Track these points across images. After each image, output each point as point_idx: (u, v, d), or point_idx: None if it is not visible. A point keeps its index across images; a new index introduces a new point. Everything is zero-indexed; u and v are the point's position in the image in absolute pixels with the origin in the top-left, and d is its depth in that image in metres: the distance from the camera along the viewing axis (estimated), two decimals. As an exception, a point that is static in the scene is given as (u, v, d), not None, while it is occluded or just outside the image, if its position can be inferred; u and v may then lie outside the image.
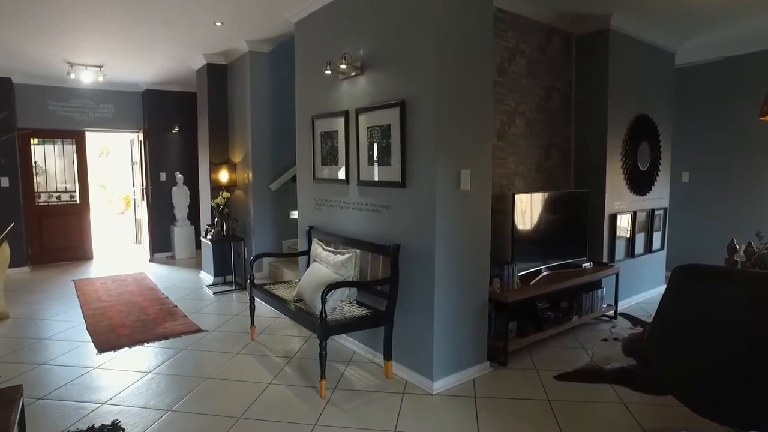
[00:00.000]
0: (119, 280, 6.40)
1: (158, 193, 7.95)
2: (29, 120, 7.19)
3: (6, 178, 6.87)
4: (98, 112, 7.71)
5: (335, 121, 4.01)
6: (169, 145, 8.06)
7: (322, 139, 4.23)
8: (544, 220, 4.23)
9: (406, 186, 3.31)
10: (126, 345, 4.03)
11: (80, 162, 7.79)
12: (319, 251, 3.91)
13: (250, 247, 5.96)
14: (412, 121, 3.22)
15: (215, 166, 6.13)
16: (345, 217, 3.99)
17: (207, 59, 6.05)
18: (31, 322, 4.79)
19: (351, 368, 3.60)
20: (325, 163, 4.22)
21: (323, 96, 4.15)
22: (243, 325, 4.47)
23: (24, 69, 6.64)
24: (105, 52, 5.84)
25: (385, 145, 3.46)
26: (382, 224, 3.56)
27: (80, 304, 5.31)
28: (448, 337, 3.24)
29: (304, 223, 4.58)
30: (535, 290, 3.82)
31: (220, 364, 3.67)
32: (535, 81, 4.39)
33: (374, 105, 3.52)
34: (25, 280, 6.65)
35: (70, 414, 2.95)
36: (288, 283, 4.33)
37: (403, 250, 3.34)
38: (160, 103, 7.86)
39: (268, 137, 5.84)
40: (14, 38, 5.17)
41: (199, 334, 4.35)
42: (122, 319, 4.72)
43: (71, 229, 7.75)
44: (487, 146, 3.39)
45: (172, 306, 5.17)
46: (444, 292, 3.19)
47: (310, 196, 4.50)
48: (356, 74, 3.70)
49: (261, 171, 5.83)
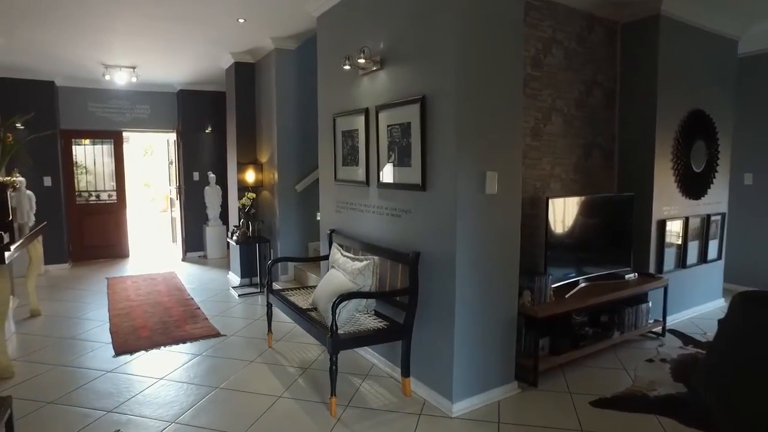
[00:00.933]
0: (150, 279, 6.45)
1: (191, 193, 8.00)
2: (71, 121, 7.39)
3: (49, 177, 7.07)
4: (135, 113, 7.84)
5: (355, 119, 3.80)
6: (202, 144, 8.10)
7: (343, 138, 4.03)
8: (583, 227, 3.86)
9: (427, 189, 3.05)
10: (143, 348, 3.97)
11: (117, 162, 7.95)
12: (338, 257, 3.70)
13: (275, 248, 5.85)
14: (433, 119, 2.96)
15: (242, 166, 6.05)
16: (365, 221, 3.77)
17: (234, 58, 5.98)
18: (61, 320, 4.84)
19: (367, 383, 3.38)
20: (346, 163, 4.02)
21: (344, 93, 3.95)
22: (262, 331, 4.33)
23: (65, 72, 6.81)
24: (136, 53, 5.88)
25: (405, 144, 3.22)
26: (402, 230, 3.32)
27: (109, 303, 5.34)
28: (470, 354, 2.96)
29: (326, 226, 4.40)
30: (571, 304, 3.47)
31: (233, 373, 3.54)
32: (574, 74, 4.02)
33: (394, 101, 3.28)
34: (64, 276, 6.82)
35: (74, 421, 2.88)
36: (311, 288, 4.15)
37: (423, 258, 3.08)
38: (193, 103, 7.91)
39: (294, 137, 5.70)
40: (53, 40, 5.27)
41: (217, 338, 4.24)
42: (145, 320, 4.69)
43: (109, 227, 7.91)
44: (517, 146, 3.08)
45: (195, 308, 5.11)
46: (466, 304, 2.91)
47: (331, 198, 4.31)
48: (376, 69, 3.47)
49: (287, 171, 5.71)
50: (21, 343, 4.25)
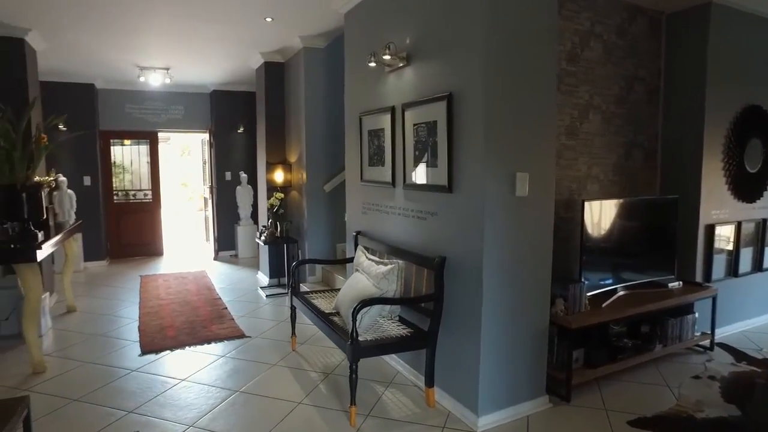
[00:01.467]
0: (181, 277, 6.53)
1: (223, 192, 8.09)
2: (109, 122, 7.60)
3: (88, 177, 7.28)
4: (169, 113, 7.98)
5: (381, 118, 3.68)
6: (235, 144, 8.17)
7: (369, 137, 3.92)
8: (622, 232, 3.62)
9: (453, 191, 2.91)
10: (169, 348, 3.98)
11: (153, 161, 8.11)
12: (362, 260, 3.60)
13: (303, 249, 5.81)
14: (460, 117, 2.81)
15: (271, 166, 6.04)
16: (390, 223, 3.65)
17: (264, 58, 5.98)
18: (94, 316, 4.94)
19: (391, 391, 3.26)
20: (372, 163, 3.91)
21: (370, 91, 3.85)
22: (288, 333, 4.27)
23: (104, 75, 6.99)
24: (169, 54, 5.95)
25: (432, 144, 3.08)
26: (428, 233, 3.18)
27: (140, 301, 5.42)
28: (498, 365, 2.80)
29: (352, 227, 4.31)
30: (608, 314, 3.25)
31: (254, 376, 3.48)
32: (614, 69, 3.78)
33: (420, 99, 3.15)
34: (101, 273, 7.00)
35: (96, 420, 2.88)
36: (336, 291, 4.06)
37: (450, 263, 2.94)
38: (225, 103, 7.99)
39: (323, 136, 5.64)
40: (91, 44, 5.41)
41: (241, 339, 4.21)
42: (173, 319, 4.72)
43: (144, 226, 8.09)
44: (550, 145, 2.90)
45: (223, 308, 5.12)
46: (493, 312, 2.75)
47: (357, 199, 4.22)
48: (402, 66, 3.34)
49: (315, 171, 5.65)
50: (56, 338, 4.35)
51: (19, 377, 3.51)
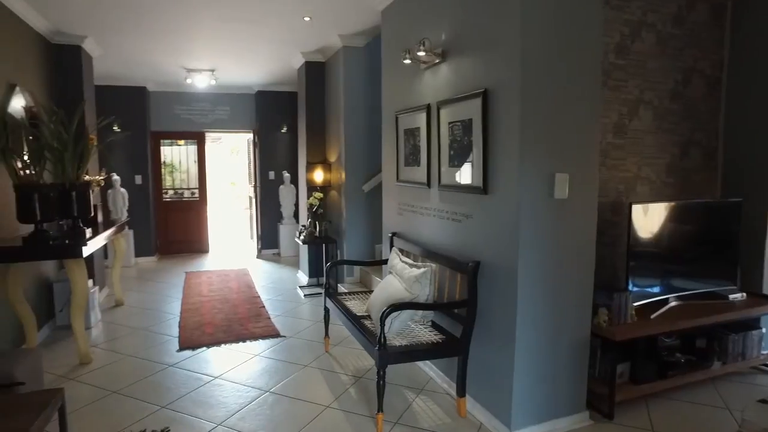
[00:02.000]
0: (224, 275, 6.67)
1: (267, 191, 8.22)
2: (159, 123, 7.89)
3: (139, 176, 7.59)
4: (216, 114, 8.20)
5: (417, 117, 3.58)
6: (278, 144, 8.28)
7: (405, 137, 3.83)
8: (676, 237, 3.35)
9: (488, 192, 2.77)
10: (205, 344, 4.05)
11: (200, 161, 8.35)
12: (396, 262, 3.52)
13: (342, 249, 5.79)
14: (496, 115, 2.67)
15: (311, 166, 6.06)
16: (425, 224, 3.55)
17: (305, 57, 6.00)
18: (139, 311, 5.11)
19: (421, 398, 3.15)
20: (408, 163, 3.82)
21: (406, 89, 3.76)
22: (322, 333, 4.26)
23: (154, 78, 7.27)
24: (214, 56, 6.09)
25: (467, 143, 2.95)
26: (463, 236, 3.05)
27: (183, 297, 5.57)
28: (534, 377, 2.64)
29: (388, 228, 4.24)
30: (658, 326, 3.01)
31: (285, 377, 3.47)
32: (669, 62, 3.50)
33: (455, 97, 3.03)
34: (150, 268, 7.27)
35: (130, 413, 2.95)
36: (368, 294, 3.99)
37: (484, 268, 2.80)
38: (269, 103, 8.11)
39: (362, 136, 5.60)
40: (142, 48, 5.63)
41: (276, 339, 4.23)
42: (212, 316, 4.81)
43: (191, 224, 8.35)
44: (593, 145, 2.70)
45: (261, 306, 5.17)
46: (528, 321, 2.60)
47: (394, 200, 4.14)
48: (438, 62, 3.23)
49: (354, 171, 5.62)
50: (104, 330, 4.53)
51: (67, 366, 3.67)
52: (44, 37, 4.80)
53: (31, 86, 4.36)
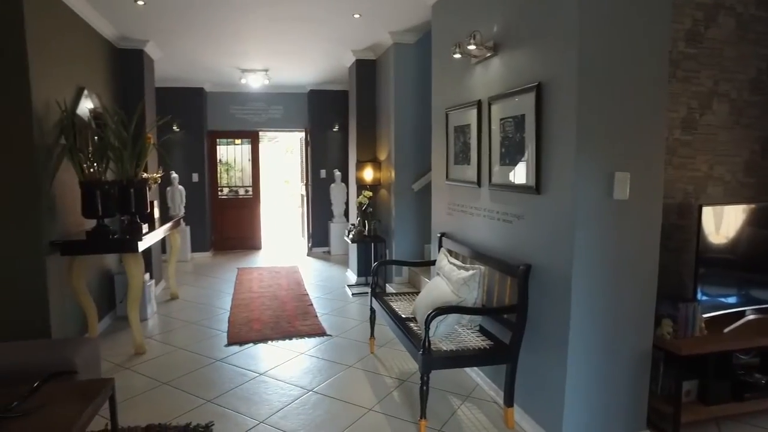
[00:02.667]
0: (274, 272, 6.79)
1: (318, 190, 8.30)
2: (215, 123, 8.15)
3: (196, 174, 7.87)
4: (269, 113, 8.37)
5: (467, 113, 3.46)
6: (330, 143, 8.34)
7: (455, 134, 3.71)
8: (755, 243, 3.03)
9: (541, 192, 2.61)
10: (252, 340, 4.10)
11: (254, 159, 8.55)
12: (444, 263, 3.41)
13: (391, 248, 5.73)
14: (551, 110, 2.51)
15: (361, 164, 6.04)
16: (475, 225, 3.42)
17: (356, 55, 5.99)
18: (192, 305, 5.28)
19: (467, 406, 3.03)
20: (458, 162, 3.70)
21: (456, 85, 3.64)
22: (367, 333, 4.21)
23: (211, 79, 7.51)
24: (267, 57, 6.20)
25: (519, 140, 2.80)
26: (514, 238, 2.90)
27: (233, 292, 5.70)
28: (587, 390, 2.46)
29: (437, 228, 4.14)
30: (733, 341, 2.72)
31: (329, 377, 3.45)
32: (751, 48, 3.17)
33: (507, 91, 2.88)
34: (205, 264, 7.52)
35: (178, 405, 3.02)
36: (415, 295, 3.90)
37: (535, 272, 2.65)
38: (321, 102, 8.18)
39: (412, 134, 5.51)
40: (199, 50, 5.83)
41: (322, 338, 4.22)
42: (260, 312, 4.88)
43: (245, 221, 8.58)
44: (658, 141, 2.48)
45: (309, 304, 5.20)
46: (583, 330, 2.42)
47: (443, 199, 4.03)
48: (489, 56, 3.09)
49: (404, 170, 5.54)
50: (159, 322, 4.70)
51: (124, 356, 3.82)
52: (111, 42, 5.05)
53: (98, 89, 4.58)
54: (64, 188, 3.79)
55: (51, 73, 3.64)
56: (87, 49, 4.43)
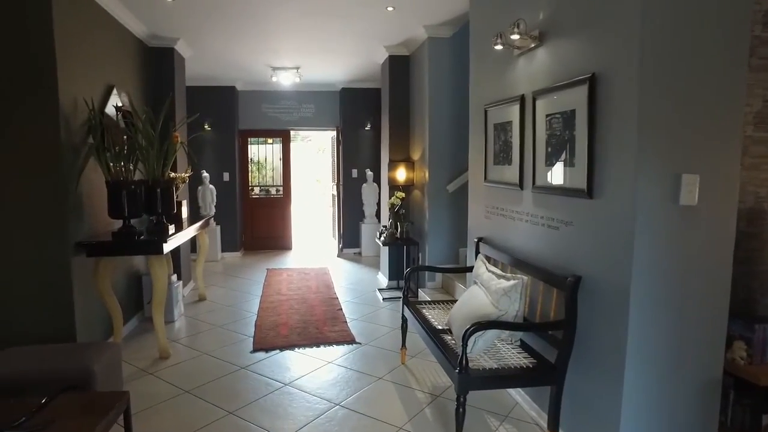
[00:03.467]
0: (303, 273, 6.65)
1: (349, 190, 8.14)
2: (247, 121, 8.10)
3: (227, 173, 7.83)
4: (301, 112, 8.26)
5: (509, 110, 3.20)
6: (361, 142, 8.17)
7: (495, 132, 3.46)
8: (840, 255, 2.66)
9: (594, 196, 2.34)
10: (279, 347, 3.95)
11: (285, 159, 8.47)
12: (482, 271, 3.16)
13: (424, 252, 5.50)
14: (606, 104, 2.23)
15: (393, 164, 5.83)
16: (516, 231, 3.16)
17: (388, 51, 5.78)
18: (220, 307, 5.18)
19: (506, 427, 2.78)
20: (498, 162, 3.44)
21: (496, 79, 3.38)
22: (399, 341, 4.00)
23: (243, 77, 7.45)
24: (299, 54, 6.07)
25: (568, 138, 2.53)
26: (560, 246, 2.64)
27: (262, 294, 5.59)
28: (646, 418, 2.18)
29: (473, 233, 3.89)
30: (816, 368, 2.38)
31: (357, 389, 3.25)
32: (836, 35, 2.80)
33: (555, 85, 2.62)
34: (235, 264, 7.46)
35: (200, 416, 2.89)
36: (450, 304, 3.66)
37: (586, 284, 2.38)
38: (353, 100, 8.02)
39: (447, 133, 5.26)
40: (230, 48, 5.76)
41: (350, 346, 4.04)
42: (288, 317, 4.74)
43: (275, 221, 8.50)
44: (733, 139, 2.18)
45: (338, 309, 5.03)
46: (642, 351, 2.14)
47: (480, 202, 3.78)
48: (534, 46, 2.83)
49: (438, 170, 5.30)
50: (185, 325, 4.62)
51: (148, 360, 3.73)
52: (142, 41, 5.01)
53: (128, 87, 4.53)
54: (92, 188, 3.73)
55: (80, 72, 3.59)
56: (117, 47, 4.38)
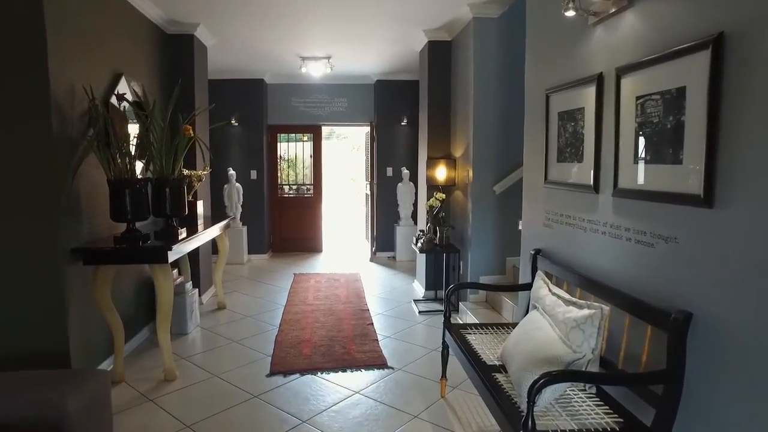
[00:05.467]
0: (333, 279, 6.14)
1: (384, 189, 7.58)
2: (276, 116, 7.65)
3: (254, 171, 7.41)
4: (333, 106, 7.74)
5: (581, 93, 2.56)
6: (397, 138, 7.60)
7: (560, 122, 2.82)
8: None
9: (715, 204, 1.69)
10: (299, 370, 3.43)
11: (315, 156, 7.98)
12: (543, 293, 2.54)
13: (465, 260, 4.88)
14: (742, 76, 1.58)
15: (432, 162, 5.23)
16: (588, 244, 2.52)
17: (428, 36, 5.17)
18: (240, 318, 4.72)
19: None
20: (563, 158, 2.81)
21: (563, 57, 2.75)
22: (437, 366, 3.40)
23: (271, 69, 6.99)
24: (330, 42, 5.57)
25: (671, 126, 1.89)
26: (657, 268, 1.99)
27: (286, 303, 5.11)
28: None
29: (529, 243, 3.27)
30: None
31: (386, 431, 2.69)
32: None
33: (651, 56, 1.97)
34: (261, 267, 7.03)
35: (198, 466, 2.39)
36: (503, 329, 3.03)
37: (700, 324, 1.74)
38: (389, 93, 7.45)
39: (495, 126, 4.62)
40: (257, 37, 5.33)
41: (382, 371, 3.48)
42: (313, 331, 4.22)
43: (305, 221, 8.02)
44: None
45: (368, 323, 4.48)
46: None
47: (538, 206, 3.15)
48: (616, 10, 2.19)
49: (483, 168, 4.66)
50: (199, 339, 4.18)
51: (152, 382, 3.30)
52: (159, 27, 4.59)
53: (141, 77, 4.12)
54: (94, 187, 3.31)
55: (78, 56, 3.16)
56: (128, 32, 3.96)
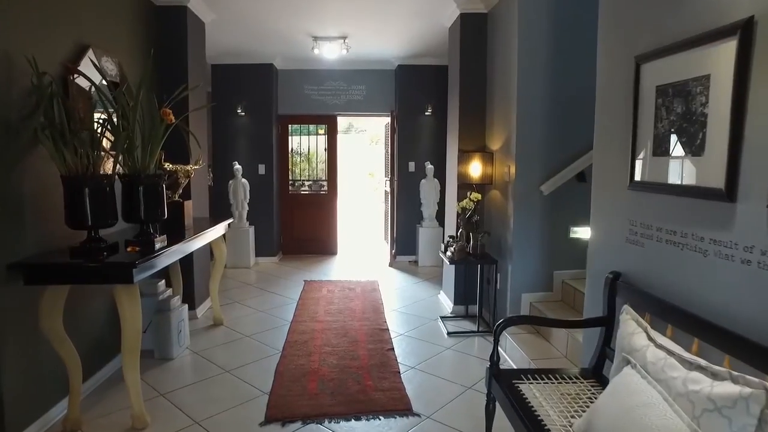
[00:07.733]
0: (348, 288, 5.40)
1: (405, 186, 6.81)
2: (287, 106, 6.93)
3: (263, 165, 6.71)
4: (350, 95, 6.96)
5: (703, 55, 1.77)
6: (421, 129, 6.80)
7: (660, 100, 2.02)
8: None
9: None
10: (300, 417, 2.71)
11: (330, 149, 7.24)
12: (640, 343, 1.79)
13: (505, 273, 4.08)
14: None
15: (464, 156, 4.43)
16: (714, 275, 1.74)
17: (460, 8, 4.36)
18: (237, 337, 4.02)
19: None
20: (663, 151, 2.02)
21: (664, 7, 1.95)
22: (476, 413, 2.68)
23: (281, 51, 6.27)
24: (346, 19, 4.86)
25: None
26: None
27: (293, 319, 4.40)
28: None
29: (601, 262, 2.49)
30: None
31: None
32: None
33: None
34: (270, 272, 6.33)
35: None
36: (566, 380, 2.27)
37: None
38: (412, 80, 6.64)
39: (543, 115, 3.80)
40: (260, 10, 4.61)
41: (405, 419, 2.73)
42: (321, 359, 3.50)
43: (318, 221, 7.29)
44: None
45: (388, 348, 3.73)
46: None
47: (618, 215, 2.36)
48: None
49: (528, 164, 3.85)
50: (186, 366, 3.49)
51: (115, 429, 2.61)
52: (148, -2, 3.91)
53: (120, 53, 3.44)
54: (45, 186, 2.64)
55: (25, 16, 2.47)
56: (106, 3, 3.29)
